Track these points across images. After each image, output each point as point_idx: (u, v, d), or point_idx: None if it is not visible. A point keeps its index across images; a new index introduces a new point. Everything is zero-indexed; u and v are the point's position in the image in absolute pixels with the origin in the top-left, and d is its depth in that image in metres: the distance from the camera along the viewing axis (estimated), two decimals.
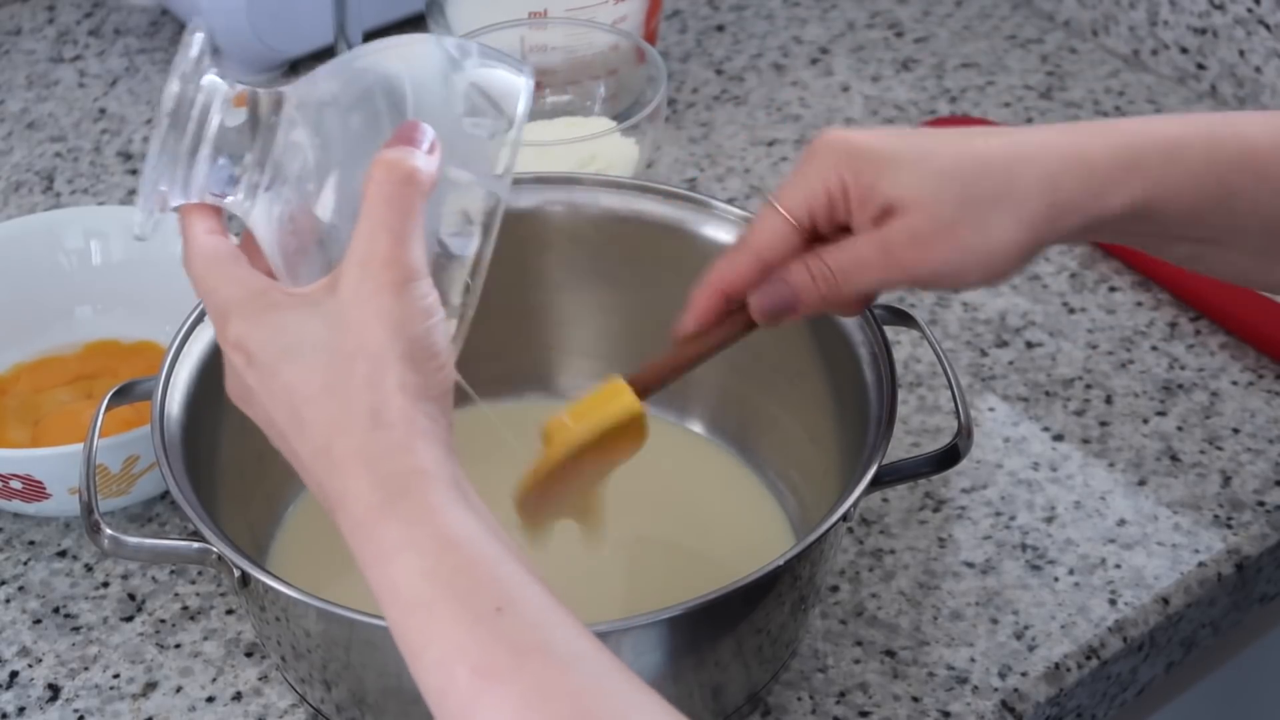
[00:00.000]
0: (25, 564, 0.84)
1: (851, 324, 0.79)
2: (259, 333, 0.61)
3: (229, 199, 0.64)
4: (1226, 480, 0.89)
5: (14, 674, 0.79)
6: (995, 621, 0.81)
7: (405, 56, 0.65)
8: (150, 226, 0.65)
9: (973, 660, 0.80)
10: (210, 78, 0.64)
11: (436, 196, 0.63)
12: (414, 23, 1.18)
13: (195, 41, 0.63)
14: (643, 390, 0.71)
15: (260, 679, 0.79)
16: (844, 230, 0.70)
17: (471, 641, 0.54)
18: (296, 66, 1.17)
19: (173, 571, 0.84)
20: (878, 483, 0.73)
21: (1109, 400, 0.93)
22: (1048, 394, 0.93)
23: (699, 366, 0.73)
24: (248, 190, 0.64)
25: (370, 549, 0.57)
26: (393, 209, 0.60)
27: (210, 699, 0.78)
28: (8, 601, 0.83)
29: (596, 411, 0.70)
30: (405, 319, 0.59)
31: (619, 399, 0.71)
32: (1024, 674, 0.79)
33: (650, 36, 1.09)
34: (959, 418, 0.76)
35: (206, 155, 0.64)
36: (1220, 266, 0.72)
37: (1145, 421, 0.92)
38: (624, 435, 0.71)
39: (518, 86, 0.64)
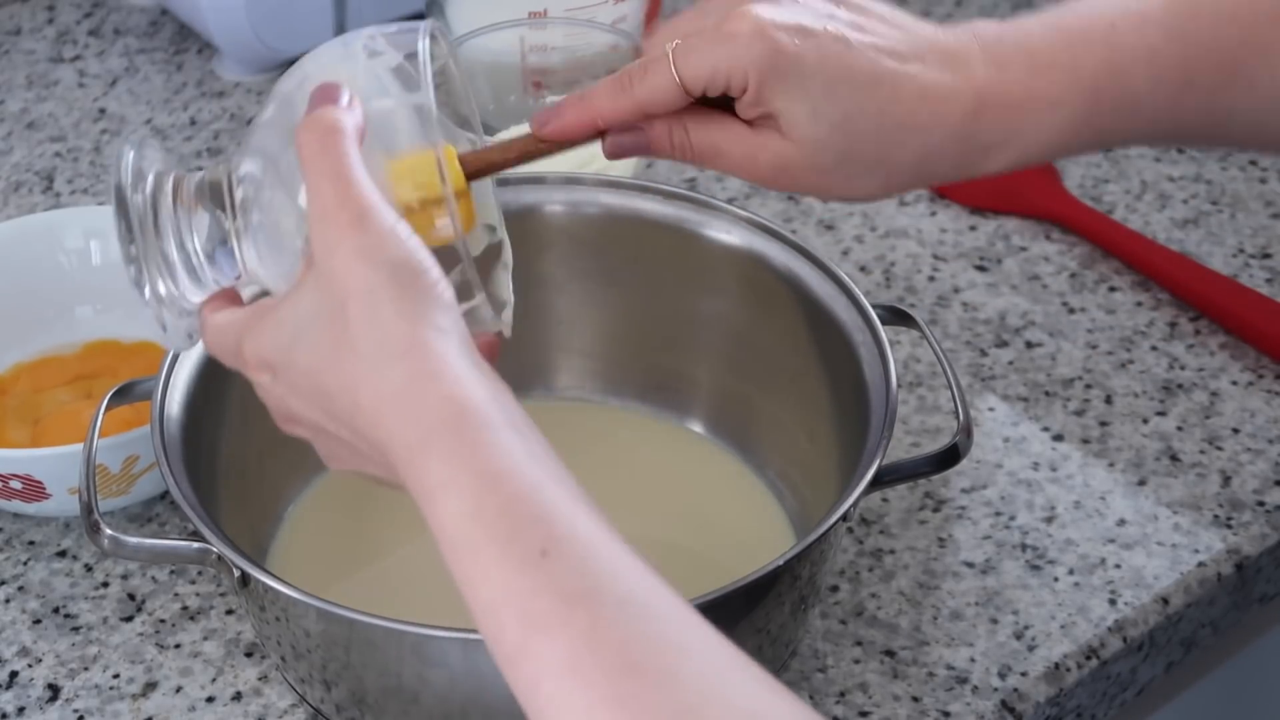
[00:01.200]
0: (25, 564, 0.84)
1: (851, 324, 0.79)
2: (264, 339, 0.61)
3: (242, 277, 0.66)
4: (1226, 480, 0.89)
5: (14, 674, 0.79)
6: (995, 621, 0.81)
7: (312, 55, 0.66)
8: (186, 333, 0.67)
9: (972, 660, 0.80)
10: (159, 187, 0.65)
11: (381, 145, 0.63)
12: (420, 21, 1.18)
13: (125, 159, 0.65)
14: (474, 173, 0.68)
15: (260, 679, 0.79)
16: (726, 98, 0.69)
17: (517, 589, 0.53)
18: None
19: (173, 571, 0.84)
20: (878, 483, 0.73)
21: (1109, 400, 0.93)
22: (1048, 394, 0.93)
23: (524, 163, 0.71)
24: (241, 254, 0.65)
25: (417, 489, 0.56)
26: (326, 158, 0.60)
27: (210, 699, 0.78)
28: (8, 601, 0.83)
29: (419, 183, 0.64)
30: (376, 247, 0.58)
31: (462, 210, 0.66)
32: (1024, 674, 0.79)
33: None
34: (959, 418, 0.76)
35: (202, 260, 0.65)
36: None
37: (1145, 421, 0.92)
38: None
39: (415, 25, 0.65)
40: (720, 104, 0.69)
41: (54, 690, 0.79)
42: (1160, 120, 0.72)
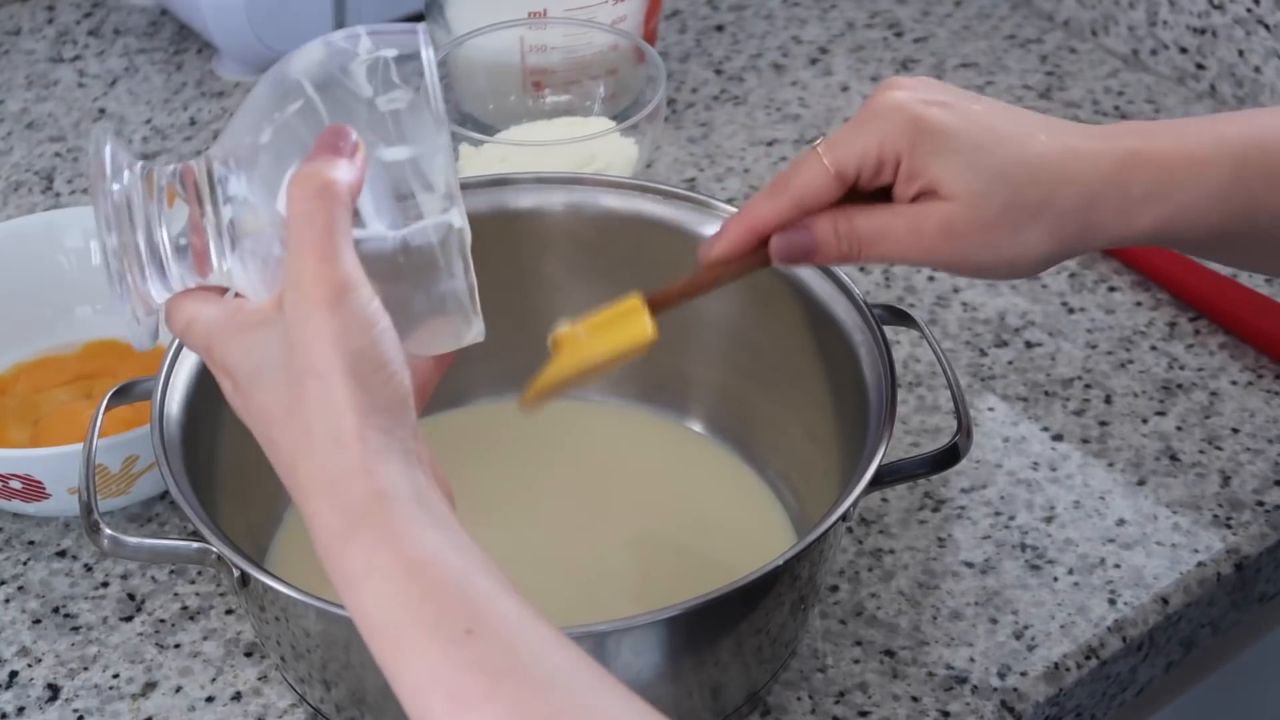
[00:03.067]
0: (25, 564, 0.84)
1: (851, 324, 0.79)
2: (234, 356, 0.61)
3: (211, 276, 0.64)
4: (1226, 480, 0.89)
5: (13, 674, 0.79)
6: (994, 621, 0.81)
7: (303, 67, 0.64)
8: (152, 332, 0.66)
9: (972, 660, 0.80)
10: (133, 179, 0.64)
11: (385, 185, 0.62)
12: (413, 23, 1.18)
13: (105, 149, 0.64)
14: (657, 307, 0.72)
15: (260, 679, 0.79)
16: (882, 190, 0.71)
17: (443, 668, 0.54)
18: None
19: (172, 571, 0.84)
20: (877, 483, 0.73)
21: (1108, 400, 0.93)
22: (1047, 394, 0.93)
23: (711, 292, 0.74)
24: (218, 259, 0.64)
25: (339, 576, 0.57)
26: (312, 225, 0.59)
27: (210, 699, 0.78)
28: (7, 601, 0.83)
29: (612, 333, 0.72)
30: (344, 333, 0.58)
31: (636, 323, 0.71)
32: (1023, 674, 0.79)
33: (650, 36, 1.09)
34: (959, 417, 0.76)
35: (171, 256, 0.64)
36: (1240, 264, 0.77)
37: (1145, 421, 0.92)
38: (632, 349, 0.72)
39: (415, 45, 0.64)
40: (877, 197, 0.71)
41: (54, 690, 0.79)
42: None
